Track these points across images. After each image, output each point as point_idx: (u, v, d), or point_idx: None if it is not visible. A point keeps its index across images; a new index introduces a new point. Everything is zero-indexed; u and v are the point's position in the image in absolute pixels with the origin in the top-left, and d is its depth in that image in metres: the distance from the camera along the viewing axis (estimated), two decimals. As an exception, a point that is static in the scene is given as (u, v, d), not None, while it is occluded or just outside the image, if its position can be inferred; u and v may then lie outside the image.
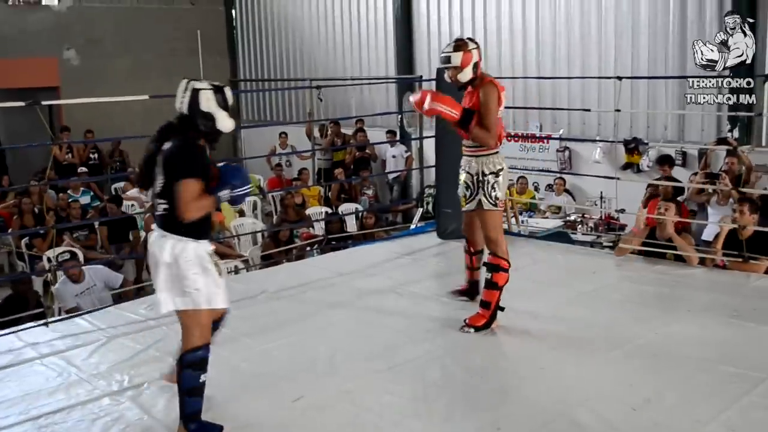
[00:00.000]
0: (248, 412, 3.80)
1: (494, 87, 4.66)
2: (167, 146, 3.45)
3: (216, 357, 4.45)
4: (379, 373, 4.15)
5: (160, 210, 3.46)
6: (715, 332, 4.70)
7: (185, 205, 3.34)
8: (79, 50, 14.77)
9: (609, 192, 9.57)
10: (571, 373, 4.14)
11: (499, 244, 4.72)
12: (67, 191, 11.31)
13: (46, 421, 3.79)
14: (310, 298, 5.51)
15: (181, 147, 3.43)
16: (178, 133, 3.47)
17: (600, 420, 3.56)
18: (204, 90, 3.47)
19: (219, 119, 3.49)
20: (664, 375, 4.06)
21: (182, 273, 3.39)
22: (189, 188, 3.35)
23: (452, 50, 4.65)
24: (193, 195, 3.35)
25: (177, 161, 3.40)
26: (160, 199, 3.45)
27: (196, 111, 3.45)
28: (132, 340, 4.83)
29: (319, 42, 15.07)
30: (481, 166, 4.71)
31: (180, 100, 3.47)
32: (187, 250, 3.41)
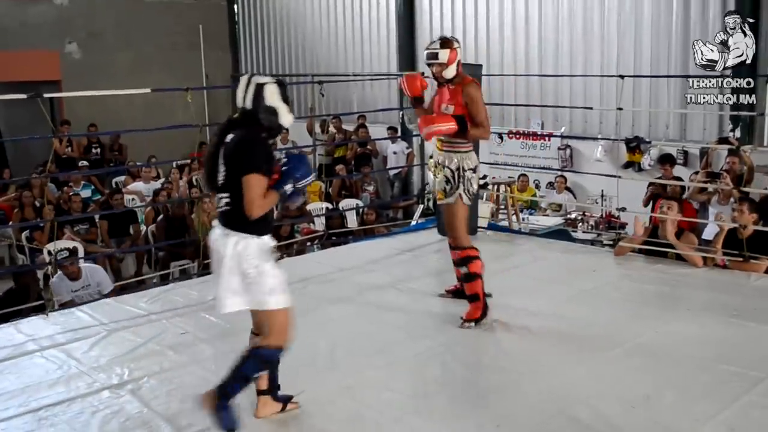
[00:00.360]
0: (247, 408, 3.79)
1: (479, 85, 4.88)
2: (230, 140, 3.38)
3: (216, 352, 4.49)
4: (379, 369, 4.16)
5: (222, 205, 3.38)
6: (714, 331, 4.70)
7: (251, 201, 3.27)
8: (80, 44, 14.76)
9: (610, 190, 9.59)
10: (570, 370, 4.14)
11: (464, 237, 4.89)
12: (69, 185, 11.31)
13: (46, 413, 3.79)
14: (310, 293, 5.51)
15: (246, 141, 3.36)
16: (241, 128, 3.40)
17: (599, 417, 3.57)
18: (268, 84, 3.43)
19: (282, 113, 3.44)
20: (663, 373, 4.07)
21: (246, 271, 3.31)
22: (255, 184, 3.27)
23: (439, 47, 4.77)
24: (259, 191, 3.28)
25: (242, 155, 3.31)
26: (222, 193, 3.38)
27: (259, 105, 3.39)
28: (132, 333, 4.84)
29: (321, 37, 15.05)
30: (461, 162, 4.83)
31: (242, 95, 3.41)
32: (250, 247, 3.32)
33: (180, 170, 12.27)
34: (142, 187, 11.85)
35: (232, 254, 3.31)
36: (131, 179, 12.56)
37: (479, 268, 4.80)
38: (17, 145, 14.31)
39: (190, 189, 11.25)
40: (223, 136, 3.42)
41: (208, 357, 4.43)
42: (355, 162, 12.83)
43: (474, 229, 7.13)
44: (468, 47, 12.48)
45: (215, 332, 4.82)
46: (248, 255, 3.31)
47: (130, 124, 13.25)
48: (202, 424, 3.60)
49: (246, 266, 3.31)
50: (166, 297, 5.56)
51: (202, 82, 15.61)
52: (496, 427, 3.54)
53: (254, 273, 3.31)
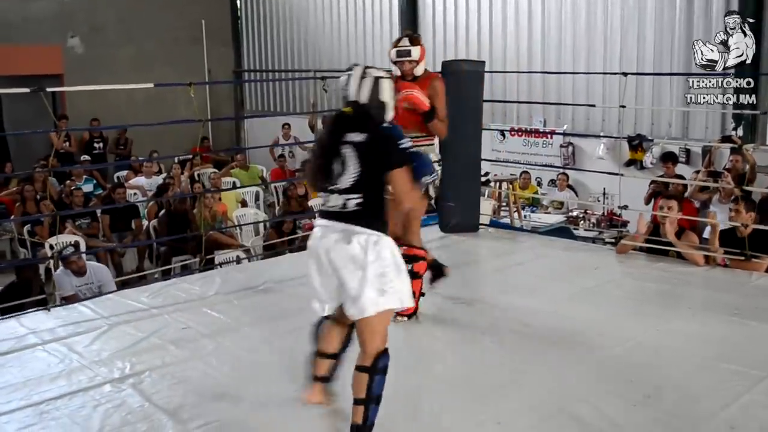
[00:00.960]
0: (249, 402, 3.80)
1: (443, 81, 4.94)
2: (357, 138, 3.20)
3: (217, 346, 4.50)
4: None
5: (352, 205, 3.18)
6: (715, 330, 4.71)
7: (404, 194, 3.23)
8: (82, 38, 14.74)
9: (612, 188, 9.58)
10: (571, 368, 4.14)
11: (417, 235, 4.85)
12: (72, 179, 11.31)
13: (48, 407, 3.79)
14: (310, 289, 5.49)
15: (385, 138, 3.27)
16: (366, 125, 3.26)
17: (600, 415, 3.57)
18: (384, 78, 3.35)
19: (389, 109, 3.38)
20: (664, 372, 4.07)
21: (380, 270, 3.14)
22: (405, 177, 3.22)
23: (410, 44, 4.83)
24: (408, 184, 3.24)
25: (386, 152, 3.22)
26: (352, 194, 3.19)
27: (374, 100, 3.31)
28: (134, 327, 4.84)
29: (323, 32, 15.04)
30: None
31: (356, 88, 3.31)
32: (383, 246, 3.17)
33: (182, 165, 12.27)
34: (144, 181, 11.85)
35: (367, 253, 3.13)
36: (133, 174, 12.55)
37: (423, 269, 4.75)
38: (19, 139, 14.31)
39: (193, 184, 11.26)
40: (341, 134, 3.24)
41: (209, 352, 4.44)
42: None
43: (476, 226, 7.15)
44: (470, 43, 12.49)
45: (217, 327, 4.83)
46: (382, 254, 3.16)
47: (132, 119, 13.24)
48: (203, 418, 3.62)
49: (384, 265, 3.16)
50: (167, 292, 5.56)
51: (204, 77, 15.61)
52: (497, 425, 3.55)
53: (392, 274, 3.18)
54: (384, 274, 3.14)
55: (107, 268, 7.50)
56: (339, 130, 3.26)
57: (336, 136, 3.25)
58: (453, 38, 12.76)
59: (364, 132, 3.22)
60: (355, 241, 3.15)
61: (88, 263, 6.99)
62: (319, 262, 3.26)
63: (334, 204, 3.24)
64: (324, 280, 3.28)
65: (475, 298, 5.39)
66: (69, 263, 6.76)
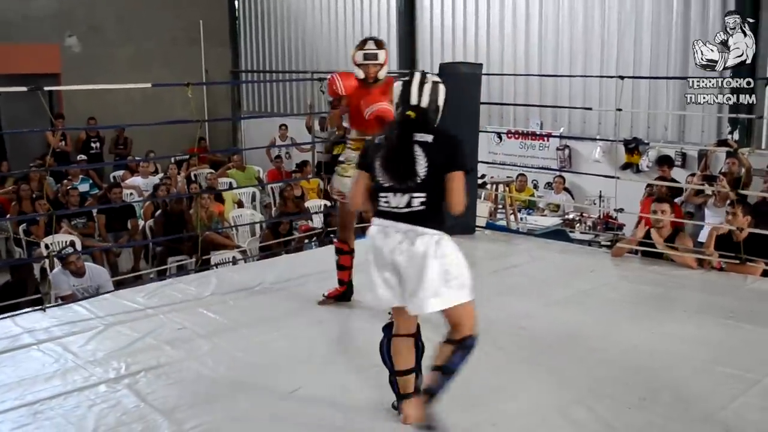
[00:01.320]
0: (245, 403, 3.80)
1: None
2: (425, 138, 3.33)
3: (213, 347, 4.50)
4: (375, 367, 4.13)
5: (416, 204, 3.30)
6: (711, 333, 4.72)
7: (460, 196, 3.33)
8: (80, 37, 14.73)
9: (608, 191, 9.58)
10: (566, 370, 4.15)
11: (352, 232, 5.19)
12: (68, 178, 11.29)
13: (42, 407, 3.79)
14: (308, 290, 5.50)
15: (454, 139, 3.41)
16: (425, 126, 3.39)
17: (595, 418, 3.58)
18: (441, 83, 3.49)
19: (440, 114, 3.50)
20: (659, 374, 4.08)
21: (447, 267, 3.27)
22: (462, 180, 3.33)
23: (376, 47, 4.90)
24: (463, 187, 3.35)
25: (454, 155, 3.35)
26: (417, 193, 3.30)
27: (433, 103, 3.44)
28: (129, 328, 4.83)
29: (321, 33, 15.04)
30: None
31: (417, 92, 3.42)
32: (445, 244, 3.30)
33: (178, 165, 12.27)
34: (140, 181, 11.85)
35: (434, 253, 3.26)
36: (129, 174, 12.54)
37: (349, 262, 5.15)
38: (15, 138, 14.29)
39: (189, 184, 11.25)
40: (411, 135, 3.35)
41: (205, 352, 4.43)
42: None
43: (472, 228, 7.14)
44: (468, 45, 12.50)
45: (212, 327, 4.83)
46: (449, 253, 3.29)
47: (129, 119, 13.22)
48: (198, 419, 3.61)
49: (448, 263, 3.28)
50: (163, 292, 5.56)
51: (201, 77, 15.60)
52: (492, 426, 3.55)
53: (456, 271, 3.30)
54: (448, 271, 3.27)
55: (106, 271, 7.51)
56: (409, 131, 3.37)
57: (407, 137, 3.36)
58: (450, 40, 12.77)
59: (431, 134, 3.36)
60: (419, 242, 3.27)
61: (87, 265, 6.99)
62: (383, 262, 3.38)
63: (396, 204, 3.34)
64: (387, 280, 3.39)
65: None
66: (68, 264, 6.76)
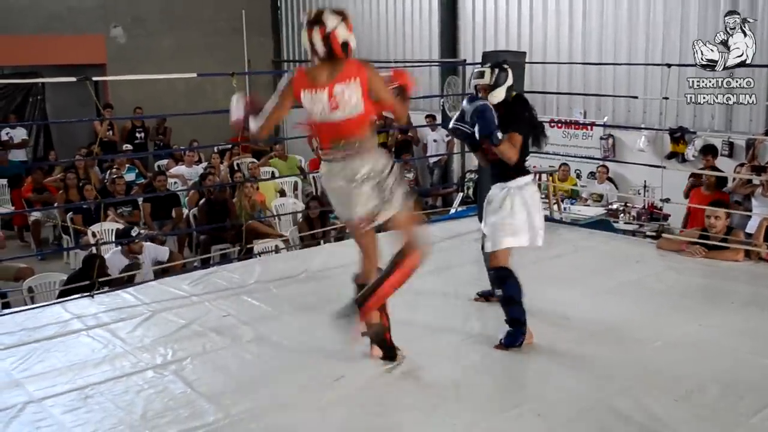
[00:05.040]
0: (289, 390, 3.84)
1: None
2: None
3: (257, 334, 4.54)
4: (418, 355, 4.17)
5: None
6: (758, 325, 4.65)
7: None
8: (125, 28, 14.92)
9: (653, 181, 9.45)
10: (611, 361, 4.12)
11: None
12: (116, 167, 11.47)
13: (92, 391, 3.86)
14: (349, 279, 5.52)
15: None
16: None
17: (640, 409, 3.54)
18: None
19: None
20: (706, 367, 4.03)
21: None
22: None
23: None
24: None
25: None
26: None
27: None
28: (175, 314, 4.91)
29: (363, 23, 15.03)
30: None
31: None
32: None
33: (221, 155, 12.38)
34: (185, 170, 11.98)
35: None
36: (174, 163, 12.69)
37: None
38: (62, 128, 14.55)
39: (233, 174, 11.34)
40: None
41: (250, 339, 4.49)
42: (396, 149, 12.82)
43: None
44: (510, 34, 12.40)
45: (257, 315, 4.89)
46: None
47: (173, 109, 13.37)
48: (244, 404, 3.66)
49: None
50: (208, 280, 5.63)
51: (244, 67, 15.70)
52: (537, 416, 3.54)
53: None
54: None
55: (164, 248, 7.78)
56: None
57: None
58: (493, 29, 12.69)
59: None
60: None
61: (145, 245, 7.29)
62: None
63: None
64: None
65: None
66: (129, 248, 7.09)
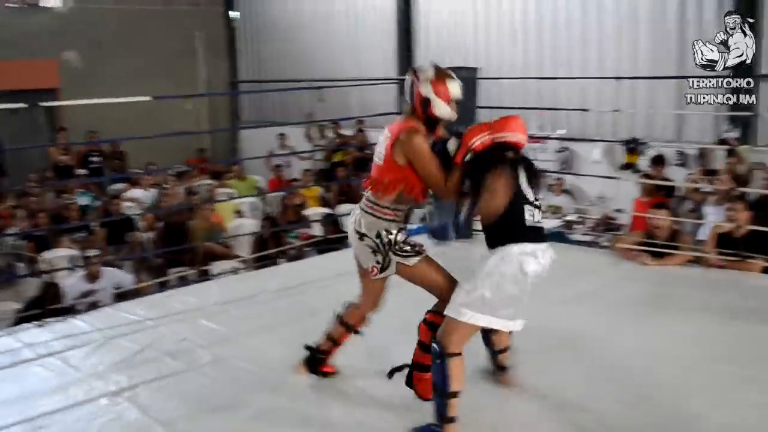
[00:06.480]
0: (246, 413, 3.80)
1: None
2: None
3: (214, 358, 4.49)
4: (378, 374, 4.15)
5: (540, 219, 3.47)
6: (711, 331, 4.72)
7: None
8: (79, 52, 14.78)
9: (609, 192, 9.59)
10: (567, 371, 4.15)
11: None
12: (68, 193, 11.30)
13: (44, 421, 3.78)
14: (309, 299, 5.51)
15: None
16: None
17: (594, 418, 3.57)
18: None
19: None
20: (659, 373, 4.07)
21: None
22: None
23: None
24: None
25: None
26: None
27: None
28: (130, 340, 4.83)
29: (319, 43, 15.07)
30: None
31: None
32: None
33: (178, 177, 12.26)
34: (140, 194, 11.84)
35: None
36: (130, 186, 12.54)
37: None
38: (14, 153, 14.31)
39: (189, 196, 11.24)
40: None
41: (206, 363, 4.43)
42: (355, 167, 12.82)
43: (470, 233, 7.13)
44: (466, 52, 12.53)
45: (214, 338, 4.83)
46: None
47: (129, 132, 13.18)
48: (200, 429, 3.61)
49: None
50: (164, 303, 5.56)
51: (200, 89, 15.63)
52: (491, 427, 3.54)
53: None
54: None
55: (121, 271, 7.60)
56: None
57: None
58: (448, 46, 12.80)
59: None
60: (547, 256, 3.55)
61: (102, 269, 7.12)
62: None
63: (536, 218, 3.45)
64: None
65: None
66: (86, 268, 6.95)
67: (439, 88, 3.53)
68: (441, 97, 3.53)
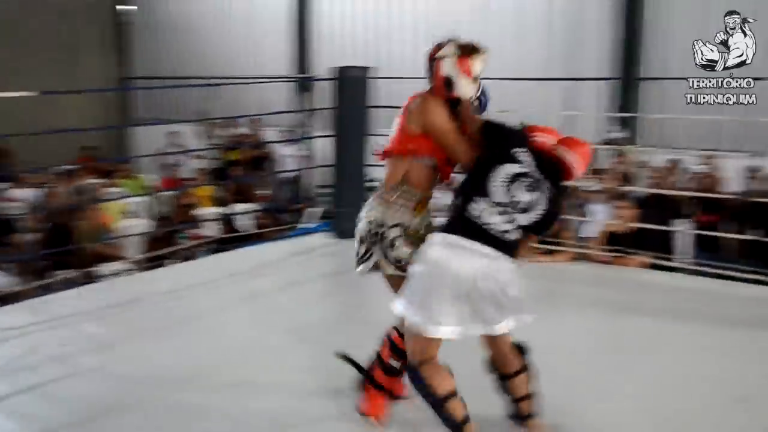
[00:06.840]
0: (131, 421, 3.66)
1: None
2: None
3: (97, 363, 4.31)
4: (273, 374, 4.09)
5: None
6: (597, 325, 4.86)
7: None
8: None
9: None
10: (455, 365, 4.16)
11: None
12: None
13: None
14: (197, 300, 5.39)
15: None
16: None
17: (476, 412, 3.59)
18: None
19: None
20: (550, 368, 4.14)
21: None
22: None
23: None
24: None
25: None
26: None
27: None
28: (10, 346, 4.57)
29: (214, 40, 14.84)
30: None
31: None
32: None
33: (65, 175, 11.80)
34: (24, 193, 11.33)
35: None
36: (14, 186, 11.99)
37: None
38: None
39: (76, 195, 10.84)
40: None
41: (88, 369, 4.25)
42: (252, 165, 12.65)
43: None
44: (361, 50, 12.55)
45: (97, 343, 4.64)
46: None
47: (13, 129, 12.67)
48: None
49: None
50: (46, 308, 5.29)
51: (90, 85, 15.13)
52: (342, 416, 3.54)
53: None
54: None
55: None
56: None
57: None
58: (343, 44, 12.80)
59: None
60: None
61: None
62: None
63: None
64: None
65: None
66: None
67: (464, 63, 3.37)
68: (466, 73, 3.37)
